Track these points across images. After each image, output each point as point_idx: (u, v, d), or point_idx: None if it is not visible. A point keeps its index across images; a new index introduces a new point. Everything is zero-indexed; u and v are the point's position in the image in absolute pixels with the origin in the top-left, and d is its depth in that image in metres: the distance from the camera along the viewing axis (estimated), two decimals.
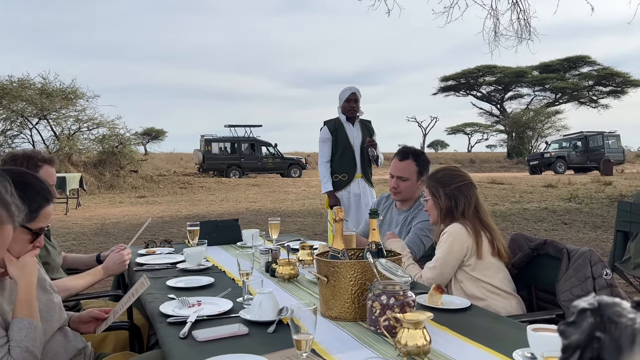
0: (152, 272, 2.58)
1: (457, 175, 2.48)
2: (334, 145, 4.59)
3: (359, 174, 4.59)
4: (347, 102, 4.57)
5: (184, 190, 17.84)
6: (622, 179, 18.34)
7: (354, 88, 4.59)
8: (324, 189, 4.62)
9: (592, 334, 0.62)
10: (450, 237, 2.33)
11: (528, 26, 10.99)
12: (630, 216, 3.86)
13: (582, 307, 0.64)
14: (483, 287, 2.29)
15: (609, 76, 38.90)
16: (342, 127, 4.59)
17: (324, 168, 4.62)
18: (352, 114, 4.58)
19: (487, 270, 2.31)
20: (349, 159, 4.56)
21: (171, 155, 34.02)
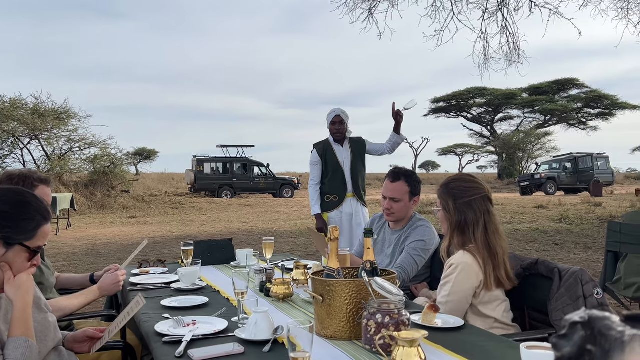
0: (146, 291, 2.58)
1: (470, 187, 2.32)
2: (324, 167, 4.63)
3: (350, 193, 4.62)
4: (332, 125, 4.62)
5: (175, 211, 17.77)
6: (611, 200, 18.50)
7: (338, 110, 4.64)
8: (313, 211, 4.66)
9: (583, 347, 0.65)
10: (458, 271, 2.20)
11: (517, 49, 11.18)
12: (620, 237, 3.91)
13: (573, 321, 0.66)
14: (486, 322, 2.23)
15: (597, 98, 39.48)
16: (330, 148, 4.63)
17: (313, 191, 4.66)
18: (338, 137, 4.62)
19: (491, 304, 2.24)
20: (339, 180, 4.59)
21: (163, 176, 33.91)
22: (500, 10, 10.96)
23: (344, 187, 4.60)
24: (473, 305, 2.23)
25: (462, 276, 2.19)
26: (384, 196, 2.96)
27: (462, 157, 50.40)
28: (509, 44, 11.16)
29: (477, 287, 2.21)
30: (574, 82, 40.69)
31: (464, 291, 2.20)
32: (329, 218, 4.66)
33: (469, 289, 2.20)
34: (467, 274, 2.19)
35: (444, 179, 2.49)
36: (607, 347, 0.63)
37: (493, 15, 11.01)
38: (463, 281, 2.19)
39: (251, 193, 24.22)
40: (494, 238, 2.25)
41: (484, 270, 2.20)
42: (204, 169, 23.91)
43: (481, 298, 2.22)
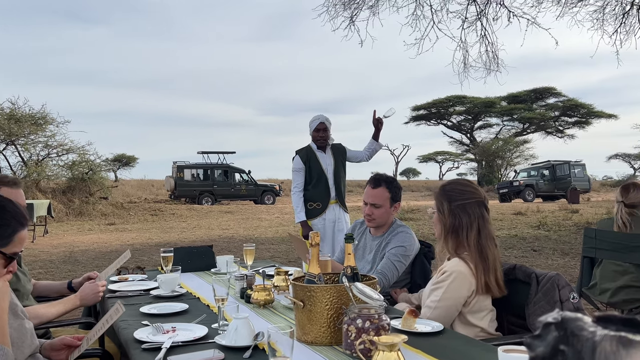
0: (125, 298, 2.55)
1: (466, 191, 2.31)
2: (307, 174, 4.63)
3: (334, 200, 4.63)
4: (316, 132, 4.62)
5: (155, 218, 17.60)
6: (588, 207, 18.82)
7: (322, 117, 4.64)
8: (297, 218, 4.63)
9: (556, 347, 0.67)
10: (452, 279, 2.19)
11: (496, 58, 11.36)
12: (595, 242, 3.98)
13: (547, 322, 0.68)
14: (471, 331, 2.22)
15: (573, 107, 40.20)
16: (314, 155, 4.64)
17: (297, 197, 4.64)
18: (322, 143, 4.63)
19: (479, 313, 2.24)
20: (323, 187, 4.60)
21: (142, 182, 33.57)
22: (479, 19, 11.13)
23: (328, 194, 4.61)
24: (461, 314, 2.22)
25: (455, 284, 2.18)
26: (365, 202, 2.98)
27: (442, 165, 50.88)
28: (488, 53, 11.34)
29: (468, 297, 2.20)
30: (552, 91, 41.39)
31: (454, 299, 2.18)
32: (312, 224, 4.65)
33: (460, 298, 2.19)
34: (460, 282, 2.18)
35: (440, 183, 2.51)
36: (579, 347, 0.65)
37: (472, 25, 11.18)
38: (455, 289, 2.18)
39: (232, 200, 24.09)
40: (486, 243, 2.24)
41: (476, 276, 2.19)
42: (184, 176, 23.73)
43: (471, 307, 2.21)
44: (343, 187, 4.72)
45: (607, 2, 10.67)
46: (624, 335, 0.62)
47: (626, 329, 0.66)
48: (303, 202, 4.62)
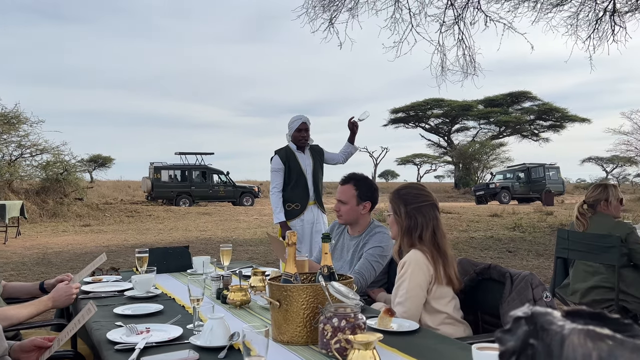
0: (99, 299, 2.51)
1: (420, 194, 2.46)
2: (286, 174, 4.61)
3: (312, 201, 4.62)
4: (297, 132, 4.60)
5: (131, 219, 17.38)
6: (562, 209, 19.15)
7: (304, 117, 4.64)
8: (277, 219, 4.60)
9: (526, 341, 0.67)
10: (412, 267, 2.29)
11: (473, 62, 11.50)
12: (568, 243, 4.05)
13: (517, 316, 0.69)
14: (437, 318, 2.30)
15: (548, 111, 40.87)
16: (293, 156, 4.62)
17: (276, 198, 4.61)
18: (303, 143, 4.63)
19: (442, 299, 2.32)
20: (302, 188, 4.59)
21: (118, 183, 33.10)
22: (457, 23, 11.26)
23: (307, 195, 4.60)
24: (426, 302, 2.31)
25: (415, 271, 2.28)
26: (337, 199, 3.02)
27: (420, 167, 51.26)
28: (465, 57, 11.47)
29: (429, 282, 2.30)
30: (527, 95, 42.02)
31: (419, 285, 2.28)
32: (290, 226, 4.64)
33: (423, 282, 2.29)
34: (418, 268, 2.29)
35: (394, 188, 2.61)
36: (549, 340, 0.66)
37: (450, 28, 11.29)
38: (416, 275, 2.28)
39: (210, 201, 23.92)
40: (442, 241, 2.39)
41: (434, 265, 2.31)
42: (161, 177, 23.48)
43: (433, 293, 2.31)
44: (321, 188, 4.72)
45: (581, 9, 10.89)
46: (592, 329, 0.63)
47: (594, 322, 0.67)
48: (282, 203, 4.60)
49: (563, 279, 4.21)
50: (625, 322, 0.67)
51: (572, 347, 0.63)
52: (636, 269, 3.77)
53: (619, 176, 43.34)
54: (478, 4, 10.93)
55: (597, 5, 10.87)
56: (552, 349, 0.65)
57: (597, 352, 0.60)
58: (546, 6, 10.78)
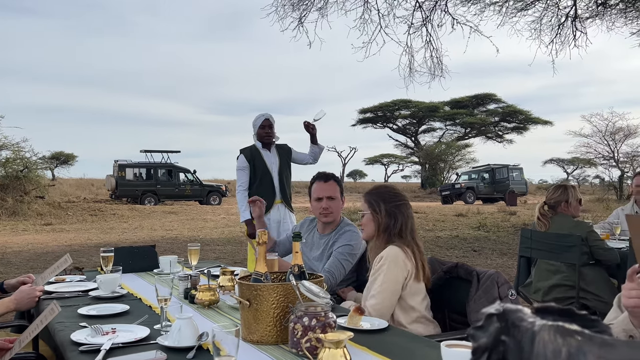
0: (62, 300, 2.45)
1: (397, 194, 2.52)
2: (252, 173, 4.59)
3: (279, 199, 4.60)
4: (261, 129, 4.58)
5: (94, 218, 17.00)
6: (525, 209, 19.61)
7: (267, 114, 4.63)
8: (242, 217, 4.59)
9: (498, 337, 0.69)
10: (388, 262, 2.31)
11: (440, 64, 11.66)
12: (531, 243, 4.15)
13: (489, 313, 0.70)
14: (410, 315, 2.31)
15: (512, 113, 41.78)
16: (259, 154, 4.60)
17: (242, 196, 4.60)
18: (268, 140, 4.60)
19: (417, 296, 2.35)
20: (267, 186, 4.57)
21: (81, 181, 32.32)
22: (424, 25, 11.40)
23: (272, 193, 4.57)
24: (401, 298, 2.33)
25: (391, 266, 2.30)
26: (319, 197, 2.97)
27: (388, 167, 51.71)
28: (433, 59, 11.63)
29: (405, 278, 2.32)
30: (492, 97, 42.86)
31: (394, 282, 2.29)
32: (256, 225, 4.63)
33: (399, 277, 2.30)
34: (395, 263, 2.30)
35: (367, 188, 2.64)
36: (519, 337, 0.67)
37: (418, 30, 11.43)
38: (392, 271, 2.30)
39: (176, 200, 23.59)
40: (418, 240, 2.44)
41: (414, 260, 2.34)
42: (126, 175, 23.03)
43: (409, 288, 2.33)
44: (288, 187, 4.70)
45: (544, 14, 11.18)
46: (561, 325, 0.64)
47: (563, 318, 0.69)
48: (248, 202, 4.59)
49: (526, 277, 4.31)
50: (592, 318, 0.69)
51: (543, 343, 0.64)
52: (595, 267, 3.89)
53: (579, 177, 44.64)
54: (445, 6, 11.10)
55: (560, 10, 11.18)
56: (523, 345, 0.67)
57: (567, 347, 0.62)
58: (511, 10, 11.02)
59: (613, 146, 28.73)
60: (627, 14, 10.94)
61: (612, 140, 28.69)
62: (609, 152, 29.00)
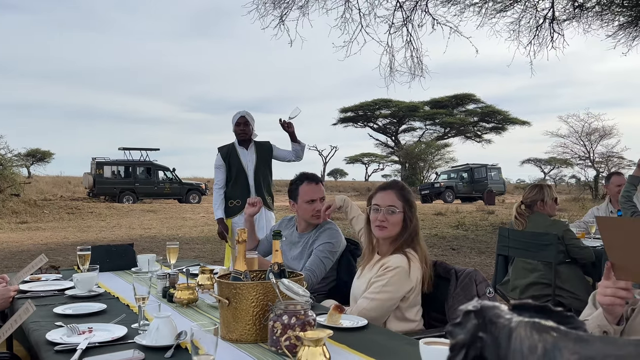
0: (37, 299, 2.40)
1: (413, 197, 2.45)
2: (227, 171, 4.56)
3: None
4: (237, 126, 4.54)
5: (71, 216, 16.74)
6: (503, 209, 19.85)
7: (243, 112, 4.58)
8: (215, 215, 4.59)
9: (475, 334, 0.69)
10: (396, 273, 2.22)
11: (420, 64, 11.73)
12: (508, 241, 4.20)
13: (467, 310, 0.70)
14: (408, 326, 2.28)
15: (491, 113, 42.28)
16: (235, 152, 4.56)
17: (217, 195, 4.60)
18: (243, 137, 4.55)
19: (414, 307, 2.30)
20: (242, 185, 4.53)
21: (58, 179, 31.80)
22: (405, 25, 11.46)
23: (247, 192, 4.52)
24: (399, 309, 2.27)
25: (397, 279, 2.22)
26: (313, 199, 2.93)
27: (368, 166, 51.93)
28: (413, 58, 11.69)
29: (407, 292, 2.25)
30: (471, 97, 43.30)
31: (394, 292, 2.22)
32: (232, 223, 4.58)
33: (400, 292, 2.23)
34: (401, 278, 2.22)
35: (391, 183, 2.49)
36: (497, 333, 0.68)
37: (399, 30, 11.48)
38: (396, 284, 2.22)
39: (155, 198, 23.34)
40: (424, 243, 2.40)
41: (427, 271, 2.29)
42: (104, 173, 22.72)
43: (409, 302, 2.27)
44: (266, 185, 4.63)
45: (523, 15, 11.32)
46: (537, 321, 0.65)
47: (539, 315, 0.70)
48: (222, 200, 4.58)
49: (504, 275, 4.36)
50: (567, 314, 0.70)
51: (519, 340, 0.65)
52: (571, 265, 3.96)
53: (556, 177, 45.31)
54: (426, 6, 11.17)
55: (538, 12, 11.33)
56: (500, 341, 0.67)
57: (543, 343, 0.63)
58: (490, 11, 11.14)
59: (589, 147, 29.26)
60: (603, 16, 11.14)
61: (588, 140, 29.21)
62: (584, 153, 29.53)
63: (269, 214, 4.62)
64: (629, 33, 11.31)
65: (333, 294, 2.88)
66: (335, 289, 2.93)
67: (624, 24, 11.26)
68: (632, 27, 11.22)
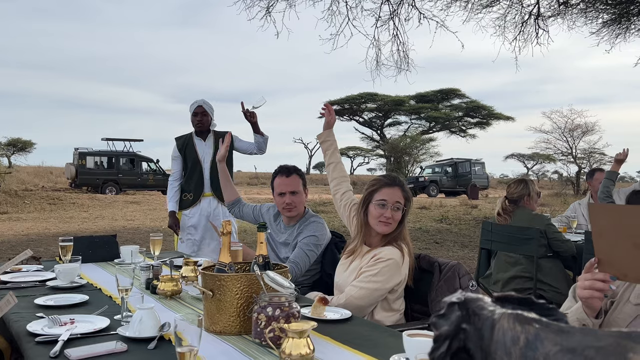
0: (18, 290, 2.37)
1: None
2: (183, 162, 4.41)
3: (209, 192, 4.38)
4: (194, 116, 4.36)
5: (53, 207, 16.54)
6: (486, 203, 20.03)
7: (201, 101, 4.40)
8: (168, 207, 4.43)
9: (459, 325, 0.70)
10: (387, 265, 2.25)
11: (407, 58, 11.75)
12: (491, 235, 4.25)
13: (451, 301, 0.71)
14: (394, 317, 2.30)
15: (475, 109, 42.50)
16: (191, 143, 4.39)
17: (171, 186, 4.45)
18: (200, 128, 4.36)
19: (400, 299, 2.34)
20: (197, 177, 4.36)
21: (40, 169, 31.37)
22: (392, 19, 11.46)
23: (201, 185, 4.36)
24: (386, 300, 2.29)
25: (387, 270, 2.24)
26: (282, 192, 2.94)
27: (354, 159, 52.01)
28: (399, 52, 11.70)
29: (396, 284, 2.28)
30: (456, 92, 43.48)
31: (383, 282, 2.24)
32: (183, 216, 4.40)
33: (389, 284, 2.25)
34: (392, 270, 2.25)
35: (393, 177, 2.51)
36: (480, 325, 0.69)
37: (385, 24, 11.48)
38: (386, 274, 2.24)
39: (138, 190, 23.15)
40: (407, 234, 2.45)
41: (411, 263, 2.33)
42: (86, 163, 22.46)
43: (396, 294, 2.31)
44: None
45: (509, 11, 11.39)
46: (520, 313, 0.66)
47: (521, 307, 0.70)
48: (176, 192, 4.40)
49: (486, 269, 4.41)
50: (549, 306, 0.71)
51: (502, 331, 0.65)
52: (552, 259, 4.01)
53: (539, 172, 45.82)
54: (412, 0, 11.18)
55: (523, 8, 11.40)
56: (483, 332, 0.68)
57: (525, 334, 0.64)
58: (476, 7, 11.19)
59: (571, 142, 29.62)
60: (587, 13, 11.26)
61: (570, 136, 29.57)
62: (567, 149, 29.89)
63: (224, 209, 4.32)
64: (612, 31, 11.44)
65: (317, 286, 2.89)
66: (319, 282, 2.93)
67: (607, 22, 11.38)
68: (616, 24, 11.35)
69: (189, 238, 4.36)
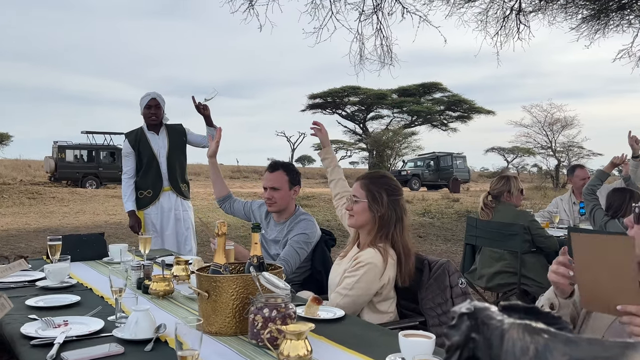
0: (7, 290, 2.35)
1: (398, 187, 2.40)
2: (137, 159, 4.24)
3: (167, 187, 4.26)
4: (146, 109, 4.20)
5: (32, 201, 16.28)
6: (467, 197, 20.25)
7: (153, 93, 4.27)
8: (125, 208, 4.24)
9: (468, 335, 0.72)
10: (366, 269, 2.23)
11: (390, 52, 11.77)
12: (476, 231, 4.31)
13: (461, 312, 0.73)
14: (383, 318, 2.30)
15: (457, 102, 42.79)
16: (144, 137, 4.23)
17: (126, 185, 4.26)
18: (154, 121, 4.22)
19: (387, 301, 2.33)
20: (154, 173, 4.22)
21: (17, 162, 30.84)
22: (375, 13, 11.47)
23: (159, 180, 4.22)
24: (371, 303, 2.30)
25: (368, 276, 2.23)
26: (265, 187, 2.99)
27: (336, 153, 52.01)
28: (383, 47, 11.72)
29: (379, 288, 2.27)
30: (438, 86, 43.70)
31: (365, 289, 2.24)
32: (145, 215, 4.24)
33: (371, 289, 2.26)
34: (373, 274, 2.24)
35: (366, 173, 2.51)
36: (489, 334, 0.71)
37: (369, 18, 11.48)
38: (368, 281, 2.24)
39: (119, 183, 22.79)
40: (408, 238, 2.37)
41: (400, 267, 2.28)
42: (66, 157, 22.13)
43: (383, 296, 2.29)
44: (180, 172, 4.31)
45: (490, 6, 11.47)
46: (529, 323, 0.68)
47: (528, 316, 0.73)
48: (133, 190, 4.24)
49: (471, 264, 4.48)
50: (554, 315, 0.74)
51: (512, 341, 0.68)
52: (536, 255, 4.09)
53: (519, 166, 46.38)
54: None
55: (505, 3, 11.50)
56: (492, 342, 0.70)
57: (534, 345, 0.66)
58: (459, 1, 11.25)
59: (551, 136, 30.08)
60: (567, 9, 11.40)
61: (550, 130, 30.02)
62: (547, 142, 30.34)
63: (185, 203, 4.34)
64: (592, 26, 11.60)
65: (307, 283, 2.92)
66: (309, 279, 2.96)
67: (587, 17, 11.54)
68: (595, 20, 11.51)
69: (154, 236, 4.16)
